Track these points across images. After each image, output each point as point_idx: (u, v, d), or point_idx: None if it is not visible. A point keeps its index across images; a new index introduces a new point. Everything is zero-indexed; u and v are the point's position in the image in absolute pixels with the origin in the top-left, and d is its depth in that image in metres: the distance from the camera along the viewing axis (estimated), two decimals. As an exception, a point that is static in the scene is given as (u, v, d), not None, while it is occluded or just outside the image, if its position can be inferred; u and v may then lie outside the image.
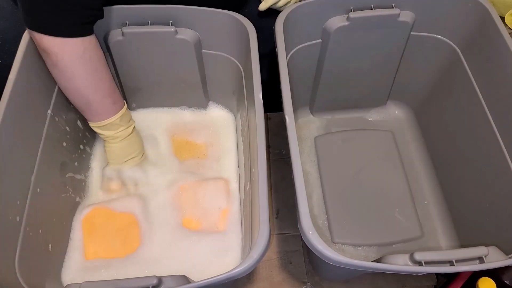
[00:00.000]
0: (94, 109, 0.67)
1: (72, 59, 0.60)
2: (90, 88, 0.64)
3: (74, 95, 0.65)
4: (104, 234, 0.72)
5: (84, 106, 0.67)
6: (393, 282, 0.74)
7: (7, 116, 0.56)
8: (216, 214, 0.74)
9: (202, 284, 0.47)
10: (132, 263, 0.68)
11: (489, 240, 0.65)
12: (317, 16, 0.70)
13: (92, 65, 0.62)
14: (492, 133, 0.65)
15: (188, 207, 0.75)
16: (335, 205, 0.79)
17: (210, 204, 0.75)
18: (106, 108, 0.68)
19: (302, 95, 0.88)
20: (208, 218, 0.73)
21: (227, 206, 0.75)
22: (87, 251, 0.70)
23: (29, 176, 0.61)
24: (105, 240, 0.71)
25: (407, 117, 0.93)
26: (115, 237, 0.71)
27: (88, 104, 0.67)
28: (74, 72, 0.62)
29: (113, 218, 0.73)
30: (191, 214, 0.74)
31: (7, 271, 0.54)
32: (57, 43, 0.58)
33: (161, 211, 0.74)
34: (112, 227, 0.72)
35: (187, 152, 0.83)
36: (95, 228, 0.72)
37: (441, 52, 0.76)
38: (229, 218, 0.73)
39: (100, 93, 0.66)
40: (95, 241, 0.71)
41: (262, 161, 0.54)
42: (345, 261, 0.47)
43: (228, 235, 0.71)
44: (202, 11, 0.67)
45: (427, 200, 0.81)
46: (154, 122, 0.86)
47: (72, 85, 0.64)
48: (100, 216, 0.73)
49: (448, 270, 0.50)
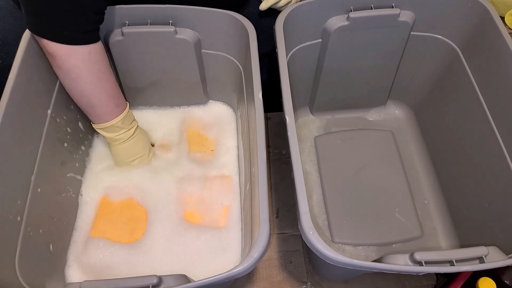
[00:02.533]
0: (97, 111, 0.68)
1: (77, 63, 0.60)
2: (94, 90, 0.65)
3: (77, 96, 0.66)
4: (115, 218, 0.74)
5: (87, 107, 0.68)
6: (393, 282, 0.74)
7: (7, 116, 0.56)
8: (218, 210, 0.75)
9: (202, 284, 0.47)
10: (133, 254, 0.69)
11: (489, 240, 0.65)
12: (317, 16, 0.70)
13: (96, 68, 0.63)
14: (492, 133, 0.65)
15: (191, 201, 0.75)
16: (335, 205, 0.79)
17: (214, 200, 0.75)
18: (109, 110, 0.68)
19: (302, 95, 0.88)
20: (210, 214, 0.74)
21: (229, 203, 0.75)
22: (94, 229, 0.72)
23: (29, 176, 0.61)
24: (114, 224, 0.73)
25: (407, 117, 0.93)
26: (125, 225, 0.73)
27: (91, 106, 0.67)
28: (79, 74, 0.62)
29: (129, 207, 0.75)
30: (194, 208, 0.75)
31: (8, 271, 0.54)
32: (63, 48, 0.58)
33: (165, 202, 0.75)
34: (125, 215, 0.74)
35: (197, 145, 0.84)
36: (110, 210, 0.74)
37: (441, 52, 0.76)
38: (230, 215, 0.74)
39: (103, 96, 0.66)
40: (105, 222, 0.73)
41: (262, 161, 0.54)
42: (345, 261, 0.47)
43: (227, 233, 0.72)
44: (202, 11, 0.67)
45: (427, 200, 0.81)
46: (157, 122, 0.87)
47: (76, 86, 0.64)
48: (118, 201, 0.76)
49: (448, 270, 0.50)
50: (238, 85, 0.78)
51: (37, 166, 0.63)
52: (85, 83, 0.63)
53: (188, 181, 0.77)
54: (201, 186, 0.77)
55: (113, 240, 0.71)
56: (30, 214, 0.59)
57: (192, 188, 0.76)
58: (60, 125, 0.70)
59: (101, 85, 0.65)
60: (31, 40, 0.62)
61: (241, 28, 0.66)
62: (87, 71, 0.62)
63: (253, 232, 0.53)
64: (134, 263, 0.68)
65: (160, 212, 0.74)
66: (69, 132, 0.73)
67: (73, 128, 0.74)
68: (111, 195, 0.76)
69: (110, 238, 0.71)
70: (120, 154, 0.76)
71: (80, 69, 0.61)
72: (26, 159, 0.61)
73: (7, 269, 0.54)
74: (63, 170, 0.72)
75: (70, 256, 0.70)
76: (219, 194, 0.76)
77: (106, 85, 0.66)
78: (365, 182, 0.81)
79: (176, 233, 0.71)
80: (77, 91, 0.65)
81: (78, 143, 0.77)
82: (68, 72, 0.61)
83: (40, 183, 0.63)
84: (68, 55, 0.59)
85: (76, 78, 0.62)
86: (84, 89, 0.64)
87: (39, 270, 0.61)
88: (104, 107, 0.67)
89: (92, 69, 0.62)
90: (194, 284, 0.47)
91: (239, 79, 0.76)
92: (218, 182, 0.78)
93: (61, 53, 0.59)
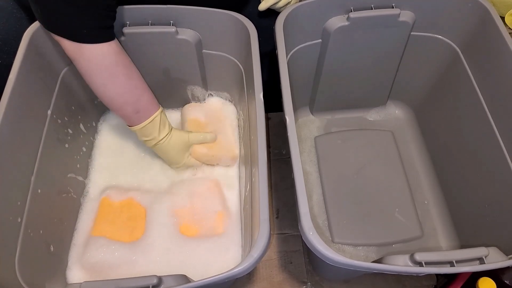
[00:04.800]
0: (118, 113, 0.67)
1: (89, 65, 0.59)
2: (107, 92, 0.63)
3: (97, 92, 0.64)
4: (115, 218, 0.74)
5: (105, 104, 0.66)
6: (393, 282, 0.74)
7: (7, 116, 0.56)
8: (212, 218, 0.73)
9: (202, 284, 0.47)
10: (133, 253, 0.69)
11: (489, 240, 0.65)
12: (317, 16, 0.70)
13: (112, 71, 0.61)
14: (492, 133, 0.65)
15: (184, 215, 0.74)
16: (335, 205, 0.79)
17: (206, 208, 0.74)
18: (127, 116, 0.67)
19: (302, 95, 0.88)
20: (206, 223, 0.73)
21: (222, 209, 0.74)
22: (95, 229, 0.72)
23: (29, 177, 0.61)
24: (114, 223, 0.73)
25: (407, 117, 0.93)
26: (125, 224, 0.73)
27: (107, 105, 0.66)
28: (91, 74, 0.61)
29: (129, 206, 0.75)
30: (188, 221, 0.73)
31: (8, 272, 0.54)
32: (75, 47, 0.57)
33: (159, 217, 0.73)
34: (125, 214, 0.74)
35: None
36: (111, 210, 0.75)
37: (441, 52, 0.76)
38: (226, 220, 0.73)
39: (120, 100, 0.65)
40: (105, 222, 0.73)
41: (262, 161, 0.54)
42: (345, 261, 0.47)
43: (227, 236, 0.71)
44: (202, 11, 0.67)
45: (427, 200, 0.82)
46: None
47: (92, 84, 0.63)
48: (118, 201, 0.76)
49: (449, 271, 0.50)
50: (239, 85, 0.78)
51: (37, 167, 0.62)
52: (99, 83, 0.62)
53: (177, 195, 0.76)
54: (190, 198, 0.75)
55: (114, 239, 0.71)
56: (30, 215, 0.59)
57: (182, 201, 0.75)
58: (60, 126, 0.70)
59: (115, 89, 0.64)
60: (32, 40, 0.62)
61: (242, 28, 0.66)
62: (99, 72, 0.61)
63: (253, 232, 0.53)
64: (134, 262, 0.68)
65: (157, 227, 0.72)
66: (70, 133, 0.73)
67: (74, 130, 0.74)
68: (112, 195, 0.76)
69: (111, 237, 0.71)
70: (164, 156, 0.75)
71: (92, 70, 0.60)
72: (26, 159, 0.61)
73: (7, 270, 0.53)
74: (64, 171, 0.72)
75: (71, 256, 0.70)
76: (209, 202, 0.75)
77: (123, 89, 0.64)
78: (365, 182, 0.81)
79: (175, 246, 0.70)
80: (94, 88, 0.63)
81: (79, 145, 0.77)
82: (81, 71, 0.61)
83: (40, 184, 0.63)
84: (80, 56, 0.58)
85: (90, 77, 0.61)
86: (97, 89, 0.63)
87: (39, 271, 0.61)
88: (121, 111, 0.67)
89: (104, 71, 0.61)
90: (194, 284, 0.47)
91: (240, 79, 0.76)
92: (205, 189, 0.76)
93: (73, 53, 0.58)
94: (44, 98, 0.66)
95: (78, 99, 0.77)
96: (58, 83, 0.69)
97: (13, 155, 0.58)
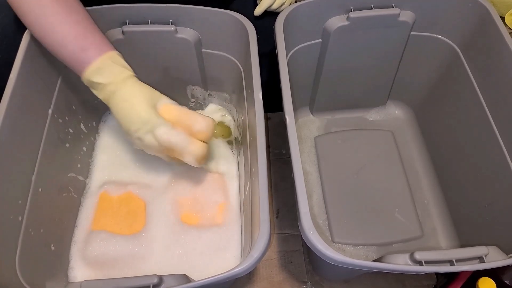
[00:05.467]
0: (64, 58, 0.58)
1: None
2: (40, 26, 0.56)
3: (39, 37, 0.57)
4: (115, 212, 0.74)
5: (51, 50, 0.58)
6: (393, 281, 0.74)
7: (7, 116, 0.56)
8: (213, 208, 0.74)
9: (202, 283, 0.47)
10: (134, 246, 0.69)
11: (489, 239, 0.65)
12: (317, 16, 0.70)
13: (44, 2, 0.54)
14: (492, 133, 0.65)
15: (186, 204, 0.75)
16: (335, 205, 0.79)
17: (208, 198, 0.75)
18: (75, 58, 0.57)
19: (302, 95, 0.88)
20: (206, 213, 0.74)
21: (224, 201, 0.75)
22: (95, 222, 0.73)
23: (30, 176, 0.61)
24: (114, 217, 0.74)
25: (407, 117, 0.93)
26: (124, 218, 0.73)
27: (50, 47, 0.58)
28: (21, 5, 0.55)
29: (128, 200, 0.75)
30: (189, 210, 0.74)
31: (8, 271, 0.54)
32: None
33: (161, 206, 0.74)
34: (124, 208, 0.74)
35: None
36: (110, 204, 0.75)
37: (441, 52, 0.76)
38: (226, 213, 0.74)
39: (58, 36, 0.56)
40: (105, 216, 0.74)
41: (262, 161, 0.54)
42: (345, 261, 0.47)
43: (227, 230, 0.71)
44: (202, 11, 0.67)
45: (427, 200, 0.82)
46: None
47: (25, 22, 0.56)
48: (116, 195, 0.76)
49: (448, 269, 0.50)
50: (238, 84, 0.78)
51: (38, 166, 0.62)
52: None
53: (180, 185, 0.77)
54: (193, 188, 0.76)
55: (115, 232, 0.71)
56: (31, 214, 0.59)
57: (184, 190, 0.76)
58: (61, 126, 0.70)
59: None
60: (32, 39, 0.62)
61: (241, 28, 0.67)
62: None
63: (253, 232, 0.53)
64: (136, 253, 0.68)
65: (157, 217, 0.73)
66: (71, 132, 0.73)
67: (74, 129, 0.74)
68: (110, 190, 0.76)
69: (111, 231, 0.71)
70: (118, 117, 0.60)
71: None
72: (26, 158, 0.61)
73: (7, 269, 0.54)
74: (64, 170, 0.72)
75: (72, 253, 0.70)
76: (212, 193, 0.75)
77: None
78: (365, 182, 0.81)
79: (175, 235, 0.71)
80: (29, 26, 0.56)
81: (79, 144, 0.77)
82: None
83: (41, 183, 0.63)
84: None
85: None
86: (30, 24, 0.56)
87: (40, 270, 0.61)
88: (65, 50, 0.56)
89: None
90: (194, 284, 0.47)
91: (239, 79, 0.76)
92: (209, 181, 0.77)
93: None
94: (45, 97, 0.66)
95: (79, 99, 0.77)
96: (58, 82, 0.69)
97: (14, 154, 0.58)
